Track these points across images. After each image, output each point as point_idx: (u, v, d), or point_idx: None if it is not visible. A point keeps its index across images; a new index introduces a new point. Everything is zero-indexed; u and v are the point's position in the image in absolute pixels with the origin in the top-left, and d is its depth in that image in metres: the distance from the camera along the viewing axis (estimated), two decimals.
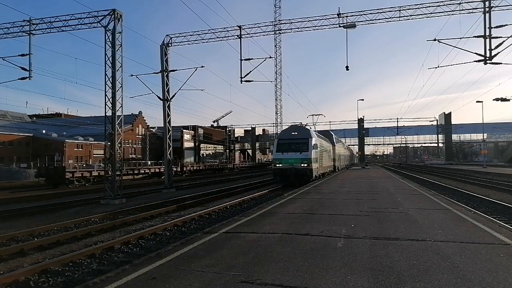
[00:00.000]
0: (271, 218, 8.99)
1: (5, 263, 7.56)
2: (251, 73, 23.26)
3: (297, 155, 22.57)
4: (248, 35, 23.02)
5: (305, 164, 22.18)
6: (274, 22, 24.73)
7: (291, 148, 22.97)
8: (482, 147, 61.11)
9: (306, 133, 23.75)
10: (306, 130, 24.58)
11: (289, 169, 22.32)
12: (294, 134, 23.59)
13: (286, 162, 22.59)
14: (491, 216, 10.84)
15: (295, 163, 22.38)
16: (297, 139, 23.24)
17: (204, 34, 23.68)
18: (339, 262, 5.10)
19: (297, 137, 23.38)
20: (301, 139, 23.15)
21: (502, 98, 39.37)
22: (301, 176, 22.20)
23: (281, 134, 24.88)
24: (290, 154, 22.76)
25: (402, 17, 21.26)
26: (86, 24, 19.83)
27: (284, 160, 22.73)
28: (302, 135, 23.43)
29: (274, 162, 23.45)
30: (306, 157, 22.37)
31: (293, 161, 22.42)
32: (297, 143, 23.06)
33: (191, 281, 4.43)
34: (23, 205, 17.18)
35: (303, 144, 22.88)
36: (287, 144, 23.26)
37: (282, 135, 24.75)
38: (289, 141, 23.38)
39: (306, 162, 22.24)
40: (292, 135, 23.66)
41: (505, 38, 18.74)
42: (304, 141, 22.99)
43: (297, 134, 23.55)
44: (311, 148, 22.65)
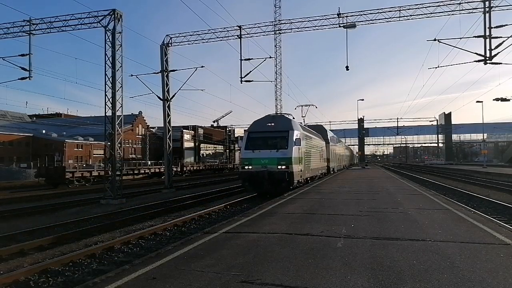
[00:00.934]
0: (271, 218, 9.00)
1: (5, 263, 7.56)
2: (251, 73, 23.31)
3: (272, 154, 16.91)
4: (248, 35, 23.03)
5: (283, 165, 16.60)
6: (274, 22, 24.76)
7: (265, 144, 17.42)
8: (482, 147, 61.13)
9: (286, 124, 17.92)
10: (286, 120, 18.59)
11: (261, 173, 16.62)
12: (270, 126, 17.90)
13: (257, 163, 16.98)
14: (491, 216, 10.84)
15: (269, 164, 16.76)
16: (274, 132, 17.67)
17: (204, 34, 23.71)
18: (339, 262, 5.10)
19: (273, 129, 17.77)
20: (279, 131, 17.57)
21: (502, 98, 39.39)
22: (277, 182, 16.66)
23: (253, 126, 18.54)
24: (263, 152, 17.07)
25: (402, 17, 21.27)
26: (86, 24, 19.84)
27: (255, 160, 17.07)
28: (281, 127, 17.74)
29: (241, 163, 17.72)
30: (284, 156, 16.75)
31: (267, 161, 16.81)
32: (273, 137, 17.55)
33: (191, 281, 4.43)
34: (23, 205, 17.19)
35: (281, 139, 17.27)
36: (259, 138, 17.67)
37: (254, 126, 18.51)
38: (262, 134, 17.75)
39: (284, 162, 16.62)
40: (267, 126, 17.92)
41: (505, 38, 18.77)
42: (283, 134, 17.35)
43: (274, 125, 17.90)
44: (292, 144, 17.00)
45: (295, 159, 17.17)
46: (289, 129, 17.47)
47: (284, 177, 16.47)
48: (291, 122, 18.26)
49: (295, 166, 16.99)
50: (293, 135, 17.28)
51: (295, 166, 16.98)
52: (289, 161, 16.73)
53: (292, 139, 17.12)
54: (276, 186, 16.75)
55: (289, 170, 16.59)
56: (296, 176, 17.13)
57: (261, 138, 17.72)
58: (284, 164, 16.63)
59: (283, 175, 16.46)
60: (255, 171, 16.87)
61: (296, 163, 17.23)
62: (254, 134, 18.01)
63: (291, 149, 16.92)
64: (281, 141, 17.28)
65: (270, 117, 19.12)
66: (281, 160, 16.72)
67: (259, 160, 17.05)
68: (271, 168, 16.68)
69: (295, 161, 17.15)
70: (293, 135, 17.25)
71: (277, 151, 16.94)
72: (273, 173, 16.55)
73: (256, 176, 16.80)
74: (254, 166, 17.02)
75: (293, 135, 17.26)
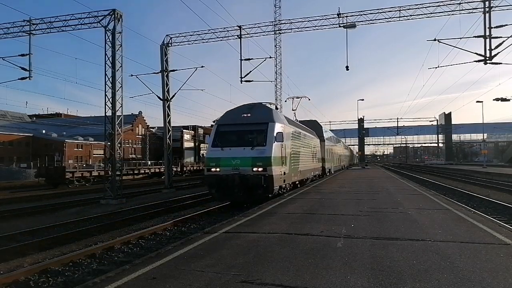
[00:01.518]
0: (271, 218, 9.00)
1: (5, 263, 7.56)
2: (251, 73, 23.32)
3: (246, 152, 13.52)
4: (248, 35, 23.04)
5: (259, 167, 13.26)
6: (274, 22, 24.78)
7: (238, 139, 14.09)
8: (482, 147, 61.14)
9: (265, 115, 14.46)
10: (266, 110, 15.07)
11: (231, 177, 13.18)
12: (246, 117, 14.56)
13: (227, 163, 13.54)
14: (491, 216, 10.84)
15: (242, 165, 13.36)
16: (249, 124, 14.34)
17: (204, 34, 23.72)
18: (339, 262, 5.10)
19: (249, 121, 14.41)
20: (256, 124, 14.19)
21: (502, 98, 39.40)
22: (251, 189, 13.25)
23: (224, 116, 15.21)
24: (235, 150, 13.68)
25: (402, 17, 21.28)
26: (86, 24, 19.86)
27: (224, 160, 13.63)
28: (258, 118, 14.32)
29: (207, 164, 14.19)
30: (261, 155, 13.37)
31: (239, 162, 13.42)
32: (248, 132, 14.26)
33: (191, 281, 4.43)
34: (23, 205, 17.19)
35: (259, 133, 13.96)
36: (231, 133, 14.34)
37: (225, 117, 15.17)
38: (235, 127, 14.40)
39: (261, 163, 13.29)
40: (242, 118, 14.57)
41: (505, 38, 18.79)
42: (261, 127, 14.02)
43: (250, 116, 14.53)
44: (273, 140, 13.65)
45: (276, 158, 13.76)
46: (269, 121, 14.05)
47: (260, 182, 12.96)
48: (272, 113, 14.72)
49: (275, 168, 13.59)
50: (274, 128, 13.87)
51: (275, 168, 13.58)
52: (268, 162, 13.30)
53: (272, 134, 13.70)
54: (250, 194, 13.38)
55: (268, 173, 13.16)
56: (277, 180, 13.65)
57: (233, 132, 14.29)
58: (261, 166, 13.25)
59: (259, 180, 12.96)
60: (224, 174, 13.38)
61: (277, 164, 13.78)
62: (225, 127, 14.53)
63: (270, 146, 13.52)
64: (258, 136, 13.88)
65: (246, 106, 15.22)
66: (257, 160, 13.32)
67: (229, 160, 13.51)
68: (244, 171, 13.26)
69: (276, 161, 13.76)
70: (273, 129, 13.83)
71: (253, 148, 13.51)
72: (247, 177, 13.11)
73: (225, 180, 13.27)
74: (223, 168, 13.53)
75: (273, 128, 13.85)
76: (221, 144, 14.03)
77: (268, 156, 13.39)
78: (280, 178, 14.18)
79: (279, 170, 14.06)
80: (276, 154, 13.81)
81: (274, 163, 13.53)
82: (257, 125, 14.17)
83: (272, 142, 13.61)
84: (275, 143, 13.73)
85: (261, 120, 14.21)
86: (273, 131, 13.80)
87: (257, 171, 13.22)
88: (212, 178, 13.68)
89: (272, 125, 13.98)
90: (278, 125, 14.29)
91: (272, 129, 13.86)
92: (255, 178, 13.06)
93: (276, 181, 13.61)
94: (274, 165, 13.52)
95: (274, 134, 13.73)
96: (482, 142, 64.87)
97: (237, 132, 14.29)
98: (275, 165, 13.58)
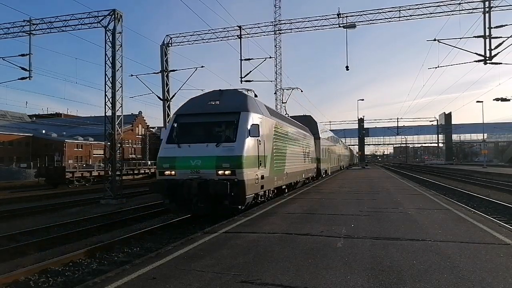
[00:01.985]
0: (271, 218, 9.00)
1: (5, 263, 7.56)
2: (251, 73, 23.34)
3: (210, 150, 10.48)
4: (248, 35, 23.06)
5: (225, 169, 10.24)
6: (274, 22, 24.80)
7: (201, 134, 11.08)
8: (482, 147, 61.15)
9: (237, 102, 11.48)
10: (239, 96, 12.00)
11: (188, 184, 10.12)
12: (212, 105, 11.49)
13: (184, 165, 10.52)
14: (491, 216, 10.84)
15: (203, 167, 10.36)
16: (216, 114, 11.23)
17: (204, 34, 23.74)
18: (339, 262, 5.10)
19: (216, 109, 11.31)
20: (225, 114, 11.13)
21: (502, 98, 39.40)
22: (215, 199, 10.20)
23: (186, 105, 12.20)
24: (195, 147, 10.64)
25: (402, 17, 21.29)
26: (86, 24, 19.86)
27: (180, 161, 10.60)
28: (228, 106, 11.32)
29: (158, 166, 10.95)
30: (229, 153, 10.33)
31: (200, 162, 10.41)
32: (214, 124, 11.18)
33: (191, 281, 4.43)
34: (23, 205, 17.20)
35: (228, 126, 10.94)
36: (192, 125, 11.38)
37: (187, 106, 12.11)
38: (198, 118, 11.41)
39: (228, 165, 10.25)
40: (208, 106, 11.47)
41: (505, 38, 18.79)
42: (230, 118, 10.96)
43: (218, 104, 11.48)
44: (246, 134, 10.64)
45: (250, 158, 10.58)
46: (241, 110, 10.96)
47: (225, 189, 9.68)
48: (246, 100, 11.56)
49: (248, 170, 10.39)
50: (248, 119, 10.81)
51: (248, 171, 10.39)
52: (237, 162, 10.12)
53: (245, 126, 10.62)
54: (214, 205, 10.25)
55: (237, 177, 10.01)
56: (250, 187, 10.52)
57: (195, 124, 11.30)
58: (229, 167, 10.11)
59: (224, 187, 9.69)
60: (179, 179, 10.23)
61: (251, 165, 10.60)
62: (185, 117, 11.44)
63: (242, 142, 10.39)
64: (227, 129, 10.83)
65: (215, 92, 12.01)
66: (223, 160, 10.16)
67: (187, 160, 10.40)
68: (206, 174, 10.14)
69: (250, 161, 10.55)
70: (247, 120, 10.77)
71: (218, 145, 10.36)
72: (208, 183, 9.84)
73: (181, 187, 10.03)
74: (180, 171, 10.43)
75: (247, 119, 10.79)
76: (178, 139, 10.89)
77: (238, 155, 10.17)
78: (256, 184, 11.00)
79: (254, 174, 10.87)
80: (250, 153, 10.63)
81: (247, 164, 10.36)
82: (226, 115, 11.00)
83: (244, 137, 10.48)
84: (249, 139, 10.59)
85: (232, 108, 11.11)
86: (246, 122, 10.72)
87: (224, 175, 10.11)
88: (163, 185, 10.42)
89: (246, 116, 10.87)
90: (254, 115, 11.21)
91: (245, 120, 10.77)
92: (219, 184, 9.80)
93: (250, 187, 10.49)
94: (247, 166, 10.35)
95: (248, 127, 10.65)
96: (482, 142, 64.88)
97: (200, 124, 11.27)
98: (248, 166, 10.40)
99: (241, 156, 10.25)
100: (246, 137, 10.57)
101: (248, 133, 10.62)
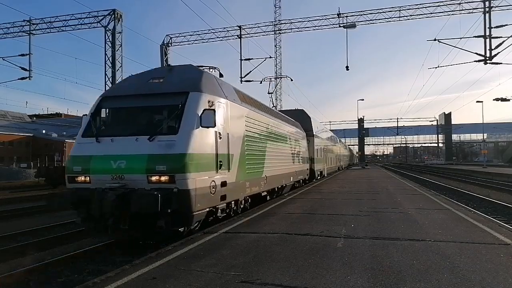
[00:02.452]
0: (271, 218, 9.00)
1: (5, 263, 7.56)
2: (251, 73, 23.35)
3: (139, 146, 7.18)
4: (248, 35, 23.08)
5: (162, 173, 6.91)
6: (274, 22, 24.84)
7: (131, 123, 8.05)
8: (482, 147, 61.16)
9: (187, 81, 8.24)
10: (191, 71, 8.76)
11: (100, 196, 6.80)
12: (154, 84, 8.32)
13: (102, 168, 7.25)
14: (491, 216, 10.84)
15: (130, 170, 7.07)
16: (156, 96, 8.05)
17: (204, 34, 23.80)
18: (339, 262, 5.10)
19: (157, 89, 8.13)
20: (167, 95, 7.96)
21: (502, 98, 39.45)
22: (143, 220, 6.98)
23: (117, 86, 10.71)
24: (120, 142, 7.39)
25: (402, 17, 21.32)
26: (86, 24, 19.91)
27: (97, 161, 7.35)
28: (174, 86, 8.12)
29: (68, 170, 7.82)
30: (167, 150, 7.03)
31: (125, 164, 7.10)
32: (151, 109, 8.22)
33: (191, 281, 4.43)
34: (23, 205, 17.18)
35: (171, 111, 7.69)
36: (121, 111, 8.45)
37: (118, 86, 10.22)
38: (129, 102, 8.24)
39: (164, 166, 6.90)
40: (147, 86, 8.28)
41: (505, 38, 18.82)
42: (174, 100, 7.71)
43: (162, 82, 8.30)
44: (194, 122, 7.38)
45: (201, 157, 7.45)
46: (191, 90, 7.80)
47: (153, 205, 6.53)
48: (201, 77, 8.34)
49: (197, 175, 7.19)
50: (199, 102, 7.66)
51: (197, 176, 7.20)
52: (179, 163, 6.95)
53: (194, 112, 7.47)
54: (144, 228, 7.19)
55: (178, 185, 6.88)
56: (202, 198, 7.31)
57: (126, 110, 8.28)
58: (165, 171, 6.93)
59: (152, 201, 6.53)
60: (94, 188, 7.17)
61: (202, 168, 7.42)
62: (113, 101, 8.37)
63: (187, 133, 7.25)
64: (169, 116, 7.65)
65: (163, 68, 9.98)
66: (157, 160, 7.02)
67: (106, 161, 7.25)
68: (133, 181, 7.07)
69: (200, 162, 7.39)
70: (198, 103, 7.63)
71: (152, 138, 7.20)
72: (134, 195, 6.72)
73: (97, 201, 6.83)
74: (96, 176, 7.33)
75: (198, 102, 7.64)
76: (98, 131, 7.79)
77: (180, 153, 6.92)
78: (212, 194, 7.67)
79: (209, 180, 7.59)
80: (201, 149, 7.41)
81: (195, 166, 7.08)
82: (170, 97, 7.79)
83: (191, 127, 7.23)
84: (199, 130, 7.33)
85: (179, 88, 7.87)
86: (196, 106, 7.48)
87: (159, 182, 6.88)
88: (67, 198, 7.50)
89: (197, 97, 7.62)
90: (211, 98, 7.95)
91: (195, 103, 7.51)
92: (145, 197, 6.56)
93: (200, 200, 7.17)
94: (195, 169, 7.08)
95: (198, 113, 7.38)
96: (482, 142, 64.89)
97: (132, 110, 8.14)
98: (197, 169, 7.13)
99: (185, 154, 6.89)
100: (195, 127, 7.27)
101: (198, 121, 7.31)
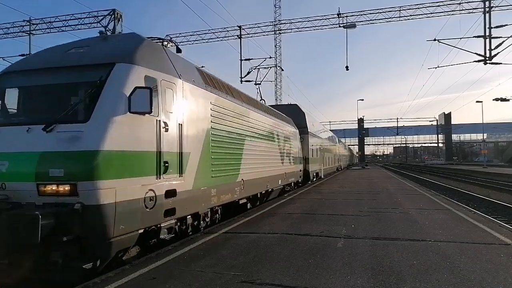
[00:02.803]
0: (271, 218, 8.99)
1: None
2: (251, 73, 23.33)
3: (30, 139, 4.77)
4: (248, 35, 23.08)
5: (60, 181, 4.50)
6: (274, 22, 24.85)
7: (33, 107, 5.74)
8: (482, 147, 61.16)
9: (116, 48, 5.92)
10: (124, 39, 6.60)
11: None
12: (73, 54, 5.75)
13: None
14: (491, 216, 10.84)
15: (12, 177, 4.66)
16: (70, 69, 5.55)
17: (204, 34, 23.80)
18: (339, 262, 5.09)
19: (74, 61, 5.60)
20: (84, 68, 5.48)
21: (502, 98, 39.44)
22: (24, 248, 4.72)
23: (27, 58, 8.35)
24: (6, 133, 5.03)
25: (402, 17, 21.33)
26: (86, 24, 19.92)
27: None
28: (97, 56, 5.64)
29: None
30: (69, 147, 4.60)
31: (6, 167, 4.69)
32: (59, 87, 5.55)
33: (191, 281, 4.43)
34: None
35: (87, 89, 5.13)
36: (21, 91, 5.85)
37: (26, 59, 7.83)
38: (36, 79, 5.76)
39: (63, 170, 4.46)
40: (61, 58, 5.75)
41: (505, 38, 18.81)
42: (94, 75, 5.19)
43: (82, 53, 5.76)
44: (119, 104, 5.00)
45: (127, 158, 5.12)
46: (118, 61, 5.40)
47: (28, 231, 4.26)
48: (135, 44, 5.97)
49: (117, 182, 4.85)
50: (128, 77, 5.32)
51: (118, 184, 4.85)
52: (85, 165, 4.59)
53: (118, 89, 5.14)
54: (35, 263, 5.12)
55: (83, 199, 4.52)
56: (127, 218, 4.98)
57: (28, 89, 5.95)
58: (64, 178, 4.54)
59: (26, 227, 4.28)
60: None
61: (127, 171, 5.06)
62: (15, 77, 6.03)
63: (105, 119, 4.89)
64: (84, 96, 5.20)
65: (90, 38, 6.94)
66: (53, 160, 4.62)
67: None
68: (18, 192, 4.70)
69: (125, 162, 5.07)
70: (126, 78, 5.29)
71: (49, 129, 4.79)
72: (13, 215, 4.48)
73: None
74: None
75: (127, 77, 5.30)
76: None
77: (88, 150, 4.69)
78: (147, 210, 5.43)
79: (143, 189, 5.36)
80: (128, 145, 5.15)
81: (116, 170, 4.92)
82: (88, 71, 5.53)
83: (112, 112, 5.01)
84: (124, 116, 5.09)
85: (102, 59, 5.60)
86: (123, 83, 5.25)
87: (55, 193, 4.66)
88: None
89: (125, 70, 5.39)
90: (149, 72, 5.75)
91: (120, 78, 5.29)
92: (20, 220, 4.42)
93: (124, 219, 4.97)
94: (115, 174, 4.89)
95: (126, 92, 5.16)
96: (482, 142, 64.88)
97: (34, 89, 5.94)
98: (118, 174, 4.94)
99: (95, 152, 4.67)
100: (119, 112, 5.05)
101: (126, 104, 5.09)
